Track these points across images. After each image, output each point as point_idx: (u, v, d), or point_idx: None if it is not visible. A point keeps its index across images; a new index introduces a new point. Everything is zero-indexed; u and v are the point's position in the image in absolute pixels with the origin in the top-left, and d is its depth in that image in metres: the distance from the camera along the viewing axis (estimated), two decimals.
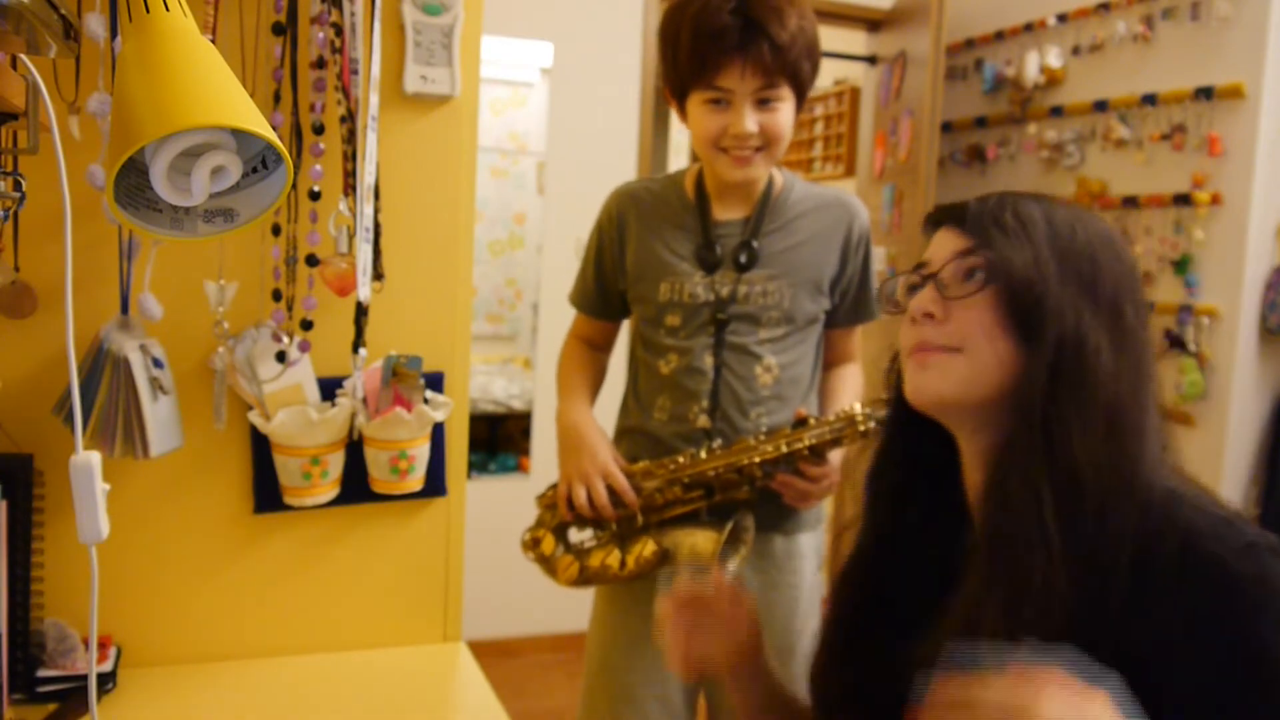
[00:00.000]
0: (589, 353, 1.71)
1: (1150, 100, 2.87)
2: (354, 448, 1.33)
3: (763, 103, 1.45)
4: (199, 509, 1.30)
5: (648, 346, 1.58)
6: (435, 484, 1.38)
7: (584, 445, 1.52)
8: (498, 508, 3.49)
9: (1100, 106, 3.03)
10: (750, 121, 1.44)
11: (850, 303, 1.60)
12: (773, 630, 1.59)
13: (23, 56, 0.85)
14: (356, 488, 1.34)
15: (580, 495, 1.48)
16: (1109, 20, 3.03)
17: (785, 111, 1.47)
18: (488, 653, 3.33)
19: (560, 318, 3.47)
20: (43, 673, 1.18)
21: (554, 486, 1.55)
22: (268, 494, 1.31)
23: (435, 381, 1.38)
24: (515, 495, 3.55)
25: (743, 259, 1.52)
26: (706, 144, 1.48)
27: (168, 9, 0.73)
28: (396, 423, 1.30)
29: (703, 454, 1.47)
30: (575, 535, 1.56)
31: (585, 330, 1.72)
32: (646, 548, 1.47)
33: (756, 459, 1.44)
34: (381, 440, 1.31)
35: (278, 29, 1.22)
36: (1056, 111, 3.18)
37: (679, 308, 1.53)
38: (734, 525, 1.46)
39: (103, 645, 1.24)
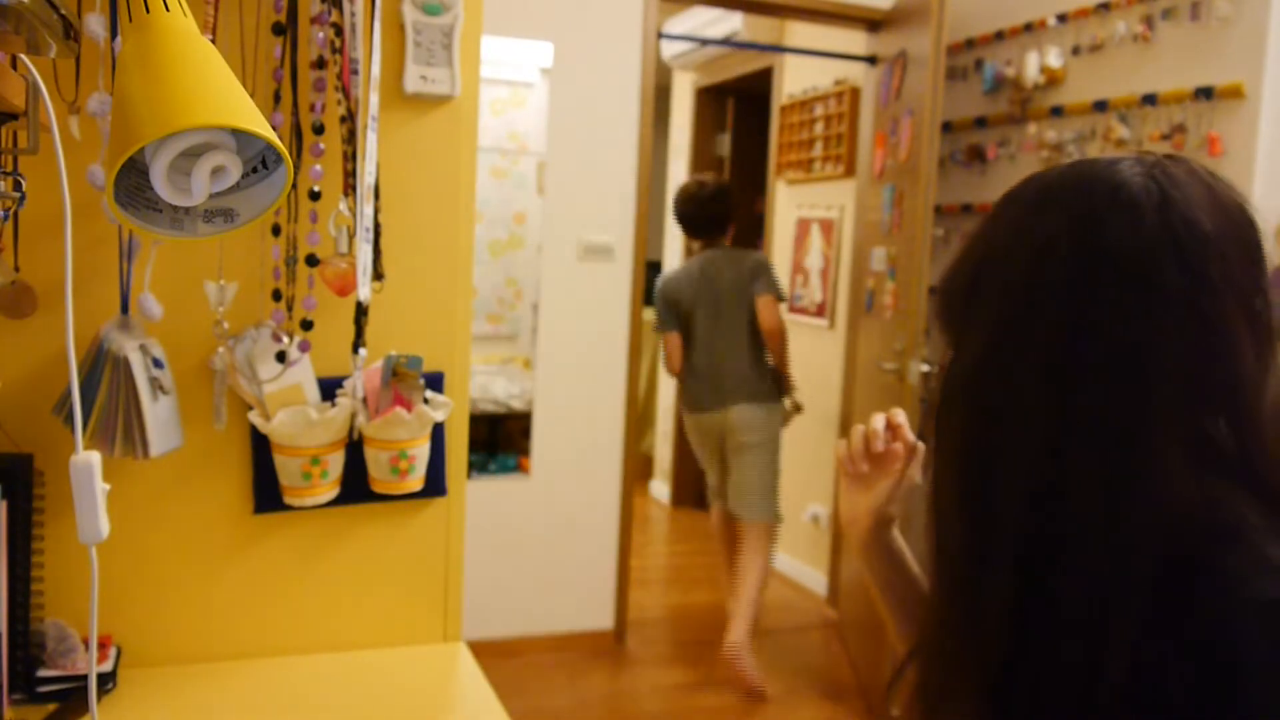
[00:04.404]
0: None
1: (1150, 100, 2.87)
2: (354, 448, 1.33)
3: None
4: (199, 509, 1.30)
5: None
6: (435, 484, 1.38)
7: None
8: (498, 508, 3.50)
9: (1100, 106, 3.03)
10: None
11: None
12: None
13: (23, 56, 0.85)
14: (356, 488, 1.34)
15: None
16: (1109, 20, 3.03)
17: None
18: (488, 653, 3.33)
19: (560, 318, 3.49)
20: (43, 673, 1.18)
21: None
22: (268, 494, 1.31)
23: (435, 381, 1.38)
24: (515, 495, 3.55)
25: None
26: None
27: (168, 9, 0.73)
28: (396, 423, 1.30)
29: None
30: None
31: None
32: None
33: None
34: (381, 440, 1.31)
35: (278, 29, 1.22)
36: (1056, 111, 3.18)
37: None
38: None
39: (103, 645, 1.24)
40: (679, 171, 5.52)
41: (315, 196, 1.25)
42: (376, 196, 1.27)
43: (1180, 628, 0.64)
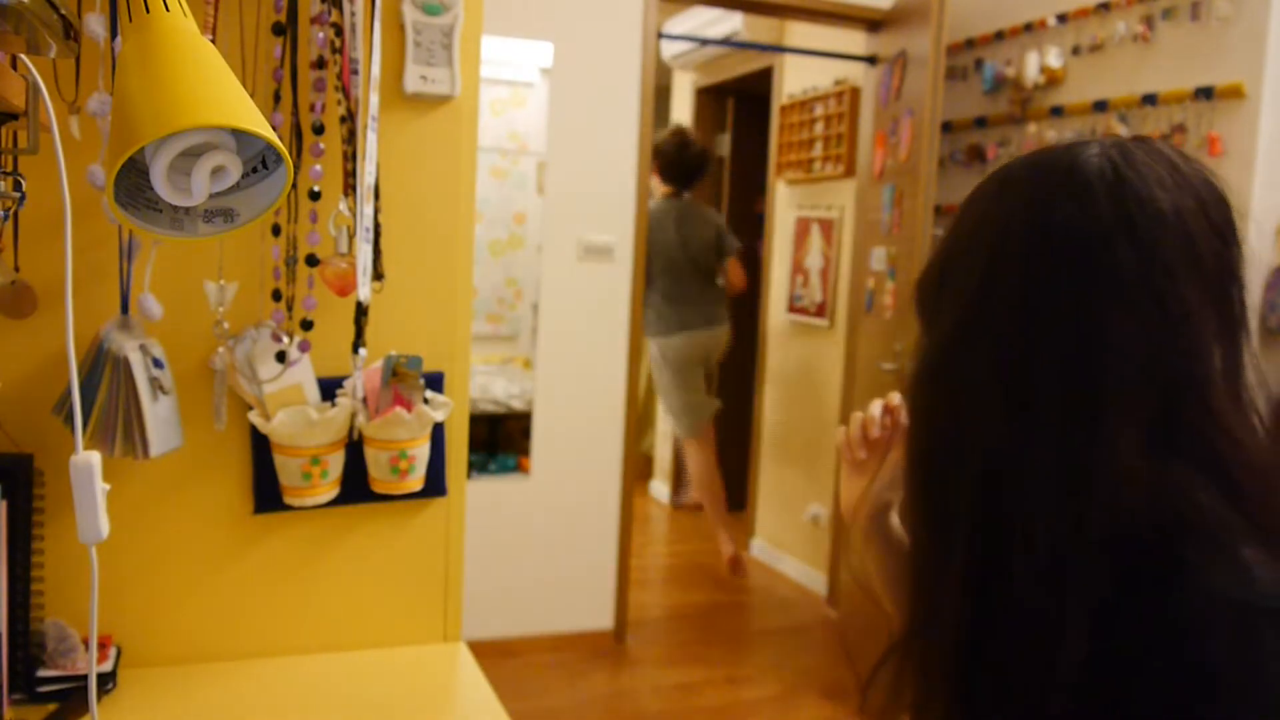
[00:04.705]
0: None
1: (1150, 100, 2.87)
2: (354, 448, 1.33)
3: None
4: (199, 509, 1.30)
5: None
6: (435, 484, 1.38)
7: None
8: (498, 508, 3.50)
9: (1100, 106, 3.03)
10: None
11: None
12: None
13: (23, 56, 0.85)
14: (356, 488, 1.34)
15: None
16: (1109, 20, 3.03)
17: None
18: (488, 653, 3.33)
19: (560, 318, 3.49)
20: (43, 673, 1.18)
21: None
22: (268, 494, 1.31)
23: (435, 381, 1.38)
24: (515, 495, 3.55)
25: None
26: None
27: (168, 9, 0.73)
28: (396, 423, 1.30)
29: None
30: None
31: None
32: None
33: None
34: (381, 440, 1.31)
35: (278, 29, 1.22)
36: (1056, 111, 3.18)
37: None
38: None
39: (103, 645, 1.24)
40: None
41: (315, 196, 1.25)
42: (376, 196, 1.27)
43: (1148, 628, 0.63)
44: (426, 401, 1.33)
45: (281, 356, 1.26)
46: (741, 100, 5.39)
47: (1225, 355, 0.69)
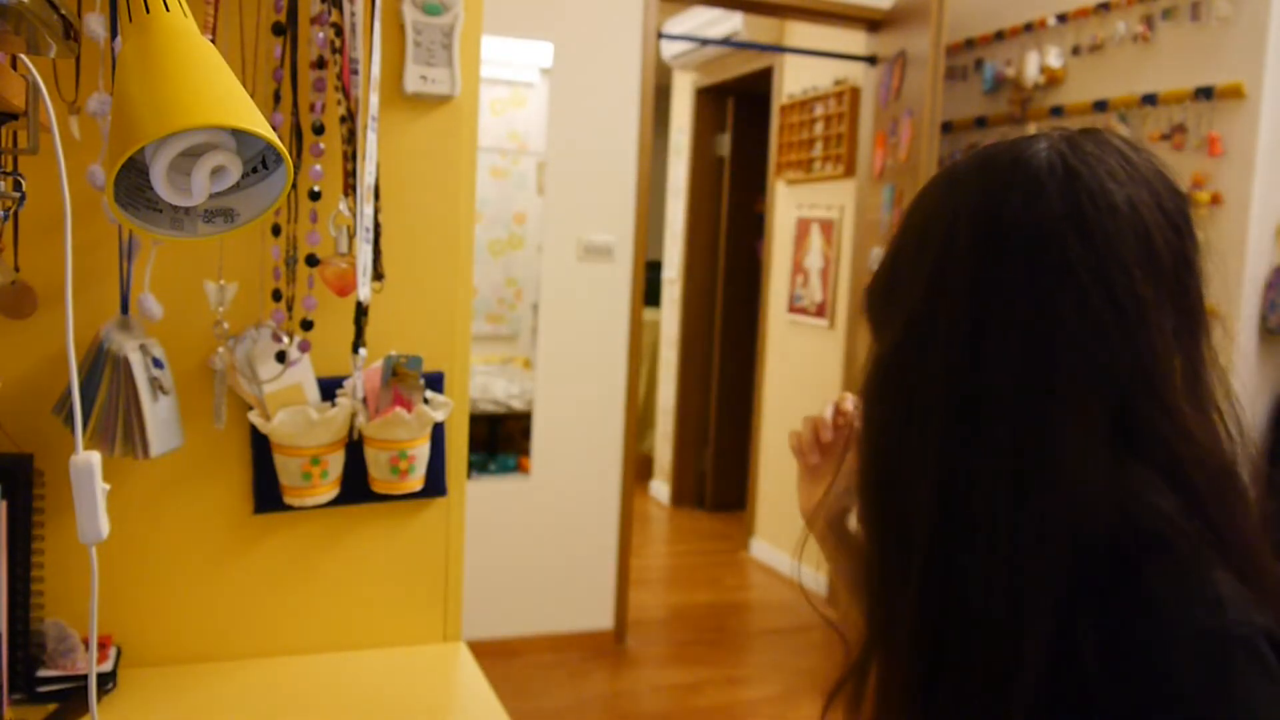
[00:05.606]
0: None
1: (1150, 100, 2.87)
2: (354, 448, 1.33)
3: None
4: (199, 509, 1.30)
5: None
6: (435, 484, 1.38)
7: None
8: (498, 508, 3.50)
9: (1100, 106, 3.03)
10: None
11: None
12: None
13: (23, 56, 0.85)
14: (356, 488, 1.34)
15: None
16: (1109, 20, 3.03)
17: None
18: (488, 653, 3.33)
19: (560, 318, 3.49)
20: (43, 673, 1.18)
21: None
22: (268, 494, 1.31)
23: (435, 381, 1.38)
24: (515, 495, 3.55)
25: None
26: None
27: (168, 9, 0.73)
28: (396, 423, 1.30)
29: None
30: None
31: None
32: None
33: None
34: (381, 440, 1.31)
35: (278, 29, 1.22)
36: (1056, 111, 3.18)
37: None
38: None
39: (103, 645, 1.24)
40: (679, 171, 5.52)
41: (315, 196, 1.25)
42: (376, 196, 1.27)
43: (1114, 651, 0.60)
44: (426, 401, 1.33)
45: (281, 356, 1.26)
46: (741, 100, 5.39)
47: (1184, 351, 0.67)
